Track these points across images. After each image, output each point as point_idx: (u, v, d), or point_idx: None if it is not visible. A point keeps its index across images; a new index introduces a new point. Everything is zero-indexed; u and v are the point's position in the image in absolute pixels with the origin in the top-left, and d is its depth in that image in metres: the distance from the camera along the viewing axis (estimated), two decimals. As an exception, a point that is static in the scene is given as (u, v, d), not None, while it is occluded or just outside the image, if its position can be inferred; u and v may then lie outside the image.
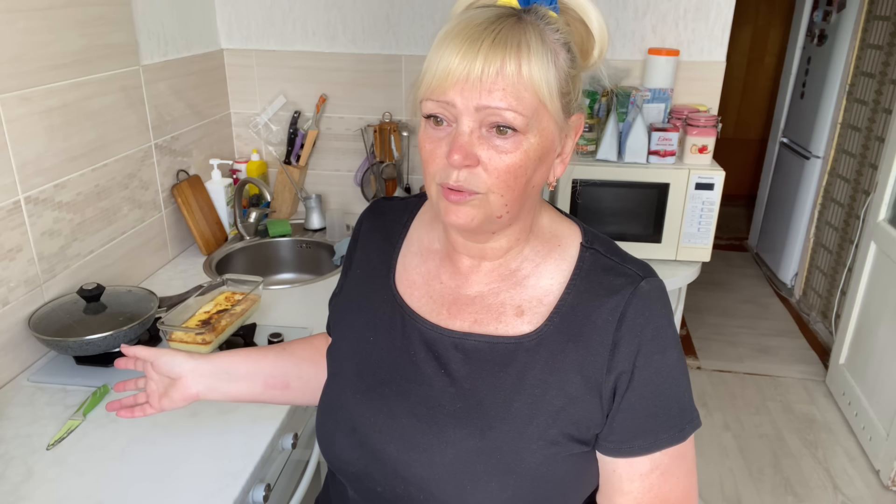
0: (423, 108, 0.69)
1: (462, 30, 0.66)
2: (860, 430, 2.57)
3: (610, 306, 0.74)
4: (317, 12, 2.12)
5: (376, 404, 0.79)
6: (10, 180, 1.28)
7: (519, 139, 0.67)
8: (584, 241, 0.79)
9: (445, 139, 0.68)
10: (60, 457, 1.10)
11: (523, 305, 0.77)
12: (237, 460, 1.09)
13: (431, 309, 0.80)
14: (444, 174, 0.69)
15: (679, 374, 0.76)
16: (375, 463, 0.78)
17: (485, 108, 0.65)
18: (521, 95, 0.65)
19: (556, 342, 0.75)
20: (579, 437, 0.74)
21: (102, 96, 1.54)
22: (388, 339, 0.81)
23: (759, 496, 2.32)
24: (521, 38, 0.65)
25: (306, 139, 2.21)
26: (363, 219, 0.92)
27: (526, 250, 0.79)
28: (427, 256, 0.84)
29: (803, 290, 3.62)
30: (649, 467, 0.75)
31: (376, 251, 0.88)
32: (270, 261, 2.07)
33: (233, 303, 1.44)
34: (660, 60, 1.99)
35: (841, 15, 3.26)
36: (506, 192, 0.69)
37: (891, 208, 2.50)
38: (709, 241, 1.99)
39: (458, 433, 0.74)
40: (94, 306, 1.38)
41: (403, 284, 0.83)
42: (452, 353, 0.77)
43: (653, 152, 1.95)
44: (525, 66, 0.65)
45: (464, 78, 0.65)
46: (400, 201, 0.92)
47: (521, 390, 0.74)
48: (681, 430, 0.75)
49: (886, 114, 2.86)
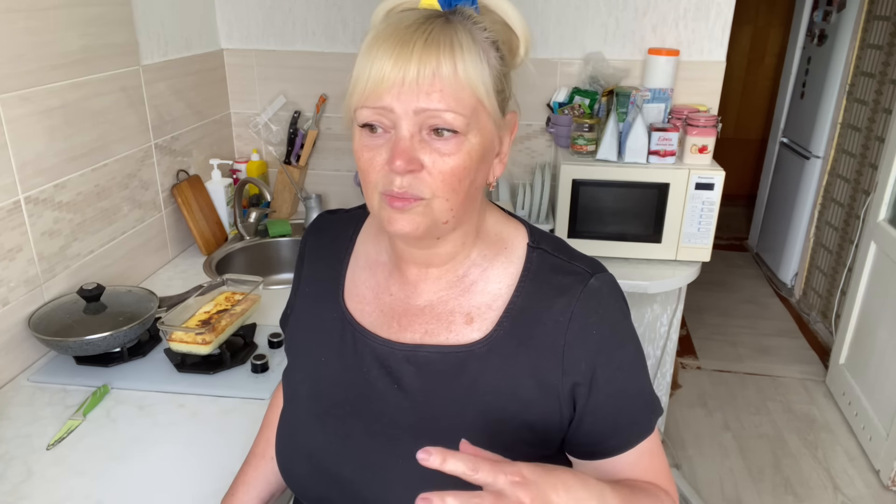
0: (357, 116, 0.67)
1: (391, 34, 0.64)
2: (860, 430, 2.57)
3: (560, 306, 0.72)
4: (317, 12, 2.12)
5: (331, 427, 0.77)
6: (10, 180, 1.28)
7: (460, 140, 0.65)
8: (531, 241, 0.78)
9: (385, 146, 0.66)
10: (60, 457, 1.10)
11: (472, 312, 0.75)
12: (237, 460, 1.09)
13: (382, 323, 0.78)
14: (385, 182, 0.66)
15: (639, 366, 0.76)
16: (334, 487, 0.76)
17: (424, 111, 0.64)
18: (459, 95, 0.64)
19: (506, 347, 0.73)
20: (535, 442, 0.73)
21: (102, 96, 1.54)
22: (340, 359, 0.79)
23: (759, 496, 2.32)
24: (453, 37, 0.64)
25: (306, 139, 2.21)
26: (307, 236, 0.90)
27: (473, 254, 0.77)
28: (375, 269, 0.82)
29: (803, 290, 3.62)
30: (636, 457, 0.75)
31: (324, 269, 0.86)
32: (270, 261, 2.07)
33: (233, 303, 1.44)
34: (660, 60, 1.99)
35: (841, 15, 3.26)
36: (451, 195, 0.67)
37: (891, 208, 2.50)
38: (709, 241, 1.99)
39: (414, 447, 0.70)
40: (94, 306, 1.38)
41: (353, 300, 0.81)
42: (405, 367, 0.75)
43: (653, 152, 1.95)
44: (460, 65, 0.64)
45: (399, 82, 0.63)
46: (344, 213, 0.90)
47: (474, 399, 0.73)
48: (648, 421, 0.76)
49: (886, 114, 2.86)
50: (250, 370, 1.33)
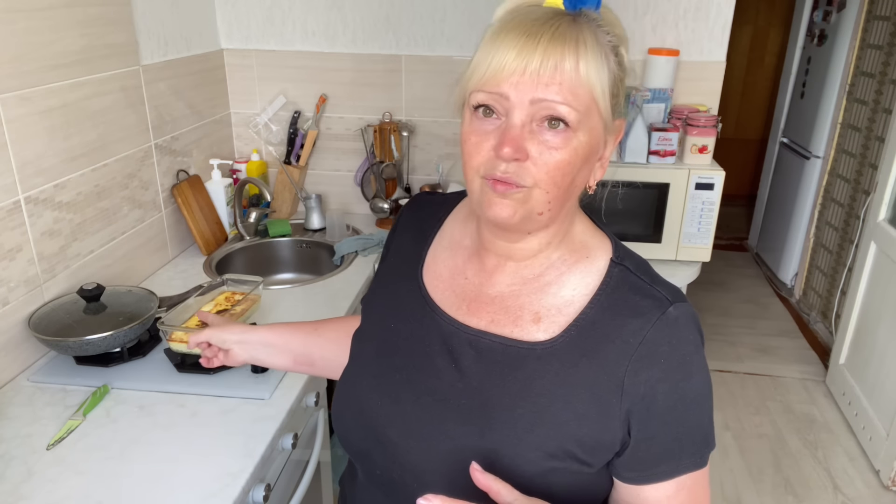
0: (472, 98, 0.68)
1: (518, 25, 0.65)
2: (860, 430, 2.57)
3: (632, 328, 0.72)
4: (317, 12, 2.12)
5: (385, 388, 0.80)
6: (10, 180, 1.28)
7: (569, 135, 0.66)
8: (615, 257, 0.77)
9: (494, 132, 0.67)
10: (60, 457, 1.10)
11: (541, 312, 0.76)
12: (237, 460, 1.09)
13: (453, 303, 0.80)
14: (489, 166, 0.67)
15: (703, 399, 0.74)
16: (377, 446, 0.78)
17: (540, 102, 0.65)
18: (577, 91, 0.65)
19: (569, 355, 0.73)
20: (581, 457, 0.72)
21: (102, 96, 1.54)
22: (408, 328, 0.82)
23: (759, 496, 2.32)
24: (579, 35, 0.65)
25: (306, 139, 2.21)
26: (405, 209, 0.94)
27: (553, 256, 0.78)
28: (456, 251, 0.84)
29: (803, 290, 3.62)
30: (675, 489, 0.74)
31: (410, 241, 0.89)
32: (270, 261, 2.07)
33: (233, 303, 1.44)
34: (660, 60, 1.99)
35: (841, 15, 3.26)
36: (551, 188, 0.68)
37: (891, 208, 2.50)
38: (709, 241, 1.99)
39: (459, 429, 0.74)
40: (94, 306, 1.38)
41: (430, 276, 0.84)
42: (466, 350, 0.77)
43: (653, 152, 1.95)
44: (583, 63, 0.65)
45: (520, 71, 0.64)
46: (440, 196, 0.92)
47: (527, 397, 0.73)
48: (701, 456, 0.74)
49: (886, 114, 2.86)
50: (250, 370, 1.33)
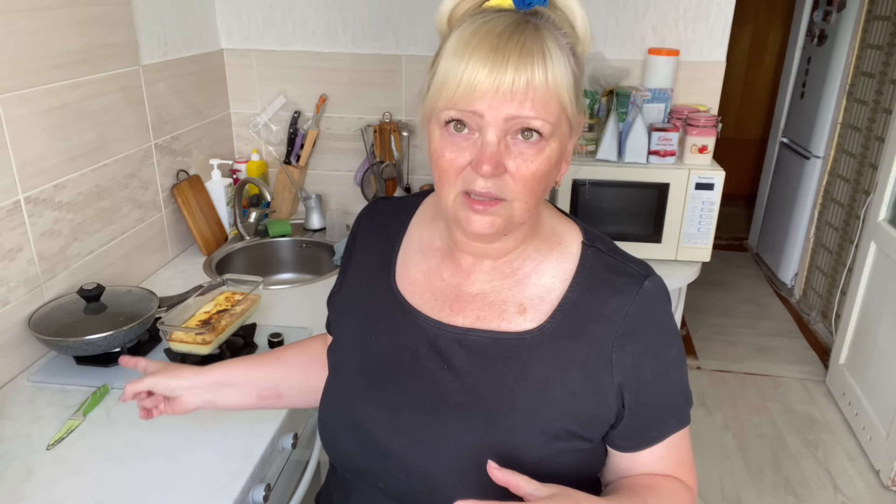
0: (441, 115, 0.68)
1: (483, 39, 0.65)
2: (860, 430, 2.57)
3: (614, 305, 0.75)
4: (317, 12, 2.12)
5: (379, 400, 0.80)
6: (10, 180, 1.28)
7: (542, 145, 0.67)
8: (586, 240, 0.81)
9: (469, 148, 0.68)
10: (60, 457, 1.10)
11: (525, 303, 0.78)
12: (237, 460, 1.09)
13: (433, 306, 0.81)
14: (468, 181, 0.68)
15: (681, 363, 0.80)
16: (379, 459, 0.78)
17: (514, 118, 0.65)
18: (548, 105, 0.66)
19: (559, 339, 0.76)
20: (582, 434, 0.76)
21: (102, 96, 1.54)
22: (390, 337, 0.82)
23: (759, 496, 2.32)
24: (544, 46, 0.65)
25: (306, 139, 2.21)
26: (361, 217, 0.93)
27: (529, 249, 0.80)
28: (427, 254, 0.84)
29: (803, 290, 3.62)
30: (666, 449, 0.79)
31: (376, 250, 0.88)
32: (270, 261, 2.07)
33: (233, 303, 1.44)
34: (660, 60, 1.99)
35: (841, 15, 3.26)
36: (529, 198, 0.70)
37: (891, 208, 2.50)
38: (709, 241, 1.99)
39: (463, 426, 0.75)
40: (94, 306, 1.38)
41: (404, 282, 0.84)
42: (455, 349, 0.78)
43: (653, 152, 1.95)
44: (550, 74, 0.65)
45: (493, 90, 0.64)
46: (398, 200, 0.92)
47: (525, 385, 0.75)
48: (685, 412, 0.80)
49: (886, 114, 2.86)
50: (250, 370, 1.32)
